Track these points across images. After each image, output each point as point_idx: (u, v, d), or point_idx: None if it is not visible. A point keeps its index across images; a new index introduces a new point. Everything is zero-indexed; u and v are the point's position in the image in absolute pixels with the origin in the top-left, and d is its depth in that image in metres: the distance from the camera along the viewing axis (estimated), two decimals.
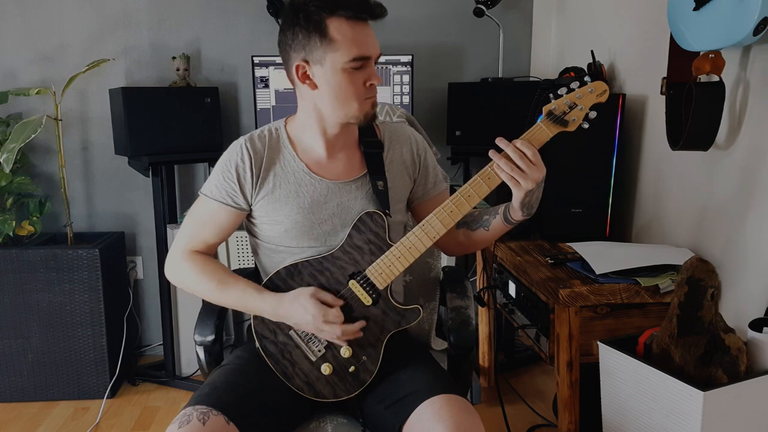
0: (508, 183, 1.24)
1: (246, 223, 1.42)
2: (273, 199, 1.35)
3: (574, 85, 1.26)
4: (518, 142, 1.23)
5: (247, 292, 1.33)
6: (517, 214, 1.32)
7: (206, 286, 1.35)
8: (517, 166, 1.22)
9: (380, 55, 1.30)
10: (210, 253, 1.41)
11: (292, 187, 1.35)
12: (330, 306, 1.29)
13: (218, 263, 1.39)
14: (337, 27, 1.23)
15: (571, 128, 1.27)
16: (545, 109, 1.26)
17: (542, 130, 1.26)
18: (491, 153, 1.24)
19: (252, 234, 1.43)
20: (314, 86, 1.28)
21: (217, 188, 1.35)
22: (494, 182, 1.27)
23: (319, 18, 1.23)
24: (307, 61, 1.27)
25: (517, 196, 1.26)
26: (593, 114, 1.27)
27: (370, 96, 1.30)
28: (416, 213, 1.49)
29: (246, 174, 1.34)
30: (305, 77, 1.28)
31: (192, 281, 1.37)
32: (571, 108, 1.26)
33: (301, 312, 1.28)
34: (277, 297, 1.31)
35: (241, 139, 1.37)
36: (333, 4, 1.23)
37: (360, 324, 1.30)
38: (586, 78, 1.26)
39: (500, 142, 1.24)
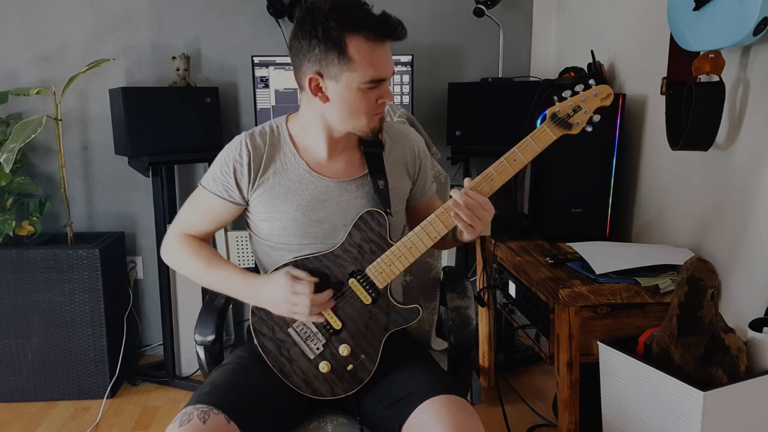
0: (465, 230, 1.27)
1: (246, 219, 1.43)
2: (272, 195, 1.35)
3: (579, 88, 1.26)
4: (471, 192, 1.24)
5: (232, 273, 1.36)
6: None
7: (195, 267, 1.37)
8: (475, 215, 1.25)
9: (394, 72, 1.32)
10: (205, 239, 1.44)
11: (292, 185, 1.35)
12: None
13: (210, 247, 1.41)
14: (356, 47, 1.21)
15: (575, 131, 1.28)
16: (549, 111, 1.26)
17: (546, 133, 1.26)
18: (451, 202, 1.26)
19: (251, 231, 1.44)
20: (326, 99, 1.28)
21: (215, 181, 1.37)
22: (497, 183, 1.27)
23: (338, 35, 1.20)
24: (321, 75, 1.25)
25: (467, 239, 1.30)
26: (597, 117, 1.28)
27: (379, 112, 1.31)
28: (410, 213, 1.50)
29: (243, 170, 1.34)
30: (318, 89, 1.27)
31: (183, 261, 1.39)
32: (575, 111, 1.26)
33: (275, 288, 1.29)
34: (259, 278, 1.34)
35: (242, 135, 1.38)
36: (354, 23, 1.21)
37: (329, 292, 1.30)
38: (591, 81, 1.26)
39: (454, 193, 1.25)
